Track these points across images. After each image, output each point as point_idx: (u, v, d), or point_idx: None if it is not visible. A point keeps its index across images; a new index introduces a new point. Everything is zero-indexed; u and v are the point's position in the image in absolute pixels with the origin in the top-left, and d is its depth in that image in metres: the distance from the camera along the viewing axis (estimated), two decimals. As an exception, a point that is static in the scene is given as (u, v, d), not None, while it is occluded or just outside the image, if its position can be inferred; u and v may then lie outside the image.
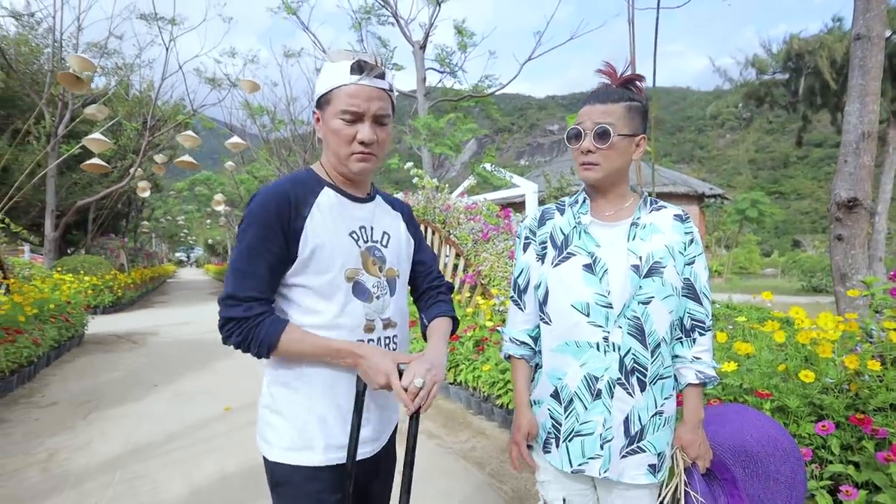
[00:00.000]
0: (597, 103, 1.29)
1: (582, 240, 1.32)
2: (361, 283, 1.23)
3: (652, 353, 1.28)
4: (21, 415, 4.38)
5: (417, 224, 1.45)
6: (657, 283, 1.26)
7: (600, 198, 1.36)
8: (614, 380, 1.27)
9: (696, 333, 1.33)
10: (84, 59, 6.60)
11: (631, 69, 1.39)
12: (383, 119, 1.19)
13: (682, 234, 1.32)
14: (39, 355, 5.85)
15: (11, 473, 3.19)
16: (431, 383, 1.13)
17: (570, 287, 1.29)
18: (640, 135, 1.31)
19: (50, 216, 13.15)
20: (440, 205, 6.11)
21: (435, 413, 4.37)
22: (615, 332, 1.26)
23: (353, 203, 1.26)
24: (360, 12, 10.69)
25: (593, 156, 1.27)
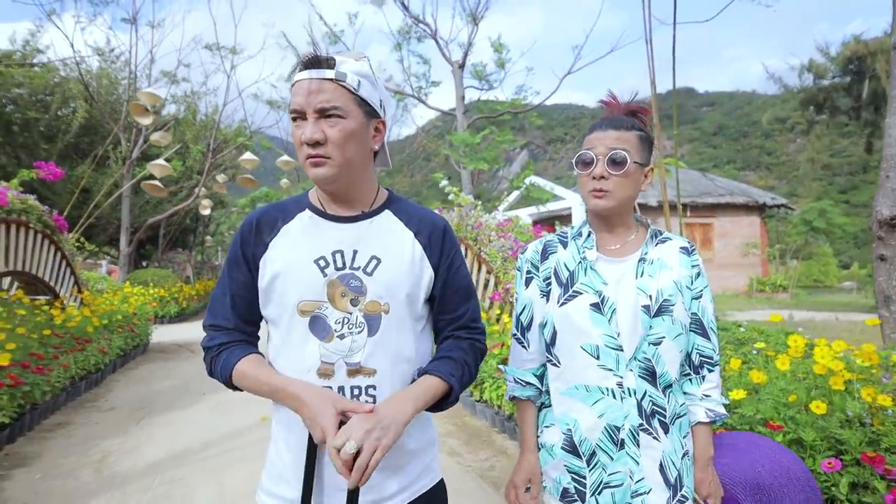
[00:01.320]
0: (609, 129, 1.25)
1: (588, 277, 1.25)
2: (321, 319, 1.04)
3: (664, 393, 1.23)
4: (84, 418, 4.83)
5: (452, 249, 1.15)
6: (667, 323, 1.21)
7: (605, 230, 1.31)
8: (636, 427, 1.20)
9: (704, 370, 1.29)
10: (152, 93, 7.27)
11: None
12: (328, 112, 1.00)
13: (688, 267, 1.28)
14: (106, 363, 6.40)
15: (68, 472, 3.54)
16: (371, 450, 0.90)
17: (579, 328, 1.22)
18: (649, 166, 1.29)
19: (125, 233, 14.32)
20: (472, 222, 6.20)
21: (459, 430, 4.43)
22: (628, 377, 1.20)
23: (333, 224, 1.09)
24: (401, 34, 11.09)
25: (606, 182, 1.22)
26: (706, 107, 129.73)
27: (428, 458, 1.16)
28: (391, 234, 1.11)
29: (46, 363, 4.72)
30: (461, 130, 10.12)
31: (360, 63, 1.05)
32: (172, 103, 17.08)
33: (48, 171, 5.91)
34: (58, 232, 6.17)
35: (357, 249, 1.07)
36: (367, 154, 1.10)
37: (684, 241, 1.32)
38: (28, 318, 5.06)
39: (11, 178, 5.78)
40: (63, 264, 6.42)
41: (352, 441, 0.88)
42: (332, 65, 1.01)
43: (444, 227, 1.16)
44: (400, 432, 0.95)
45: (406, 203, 1.18)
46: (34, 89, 14.98)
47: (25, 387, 4.16)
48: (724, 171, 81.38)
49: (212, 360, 1.11)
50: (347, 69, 1.02)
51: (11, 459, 3.76)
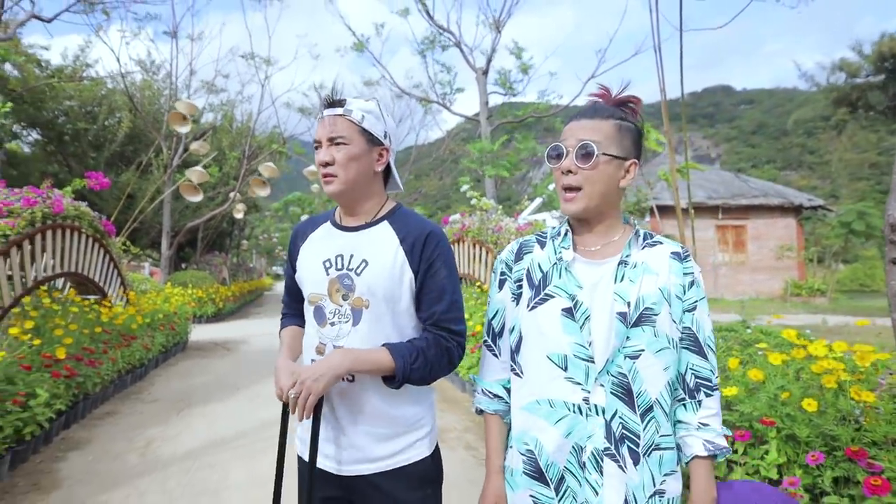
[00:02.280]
0: (583, 119, 1.14)
1: (562, 279, 1.14)
2: (321, 308, 1.30)
3: (642, 418, 1.08)
4: (130, 408, 5.22)
5: (433, 254, 1.27)
6: (648, 334, 1.08)
7: (585, 230, 1.19)
8: (601, 450, 1.07)
9: (701, 394, 1.13)
10: (189, 103, 7.72)
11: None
12: (336, 139, 1.25)
13: (680, 274, 1.13)
14: (150, 358, 6.84)
15: (117, 455, 3.88)
16: (307, 393, 1.13)
17: (547, 335, 1.12)
18: (631, 159, 1.14)
19: (166, 236, 15.05)
20: (493, 225, 6.37)
21: (477, 426, 4.60)
22: (597, 392, 1.08)
23: (342, 232, 1.33)
24: (425, 42, 11.38)
25: (574, 177, 1.12)
26: (744, 105, 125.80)
27: (418, 435, 1.31)
28: (382, 242, 1.29)
29: (97, 357, 5.13)
30: (485, 136, 10.29)
31: (368, 103, 1.31)
32: (210, 112, 17.85)
33: (97, 180, 6.38)
34: (106, 236, 6.64)
35: (353, 254, 1.29)
36: (370, 174, 1.31)
37: (676, 246, 1.18)
38: (80, 316, 5.49)
39: (64, 185, 6.28)
40: (111, 266, 6.89)
41: (293, 390, 1.14)
42: (342, 104, 1.28)
43: (428, 235, 1.28)
44: (331, 380, 1.16)
45: (406, 215, 1.35)
46: (83, 101, 15.95)
47: (79, 378, 4.55)
48: (763, 172, 78.71)
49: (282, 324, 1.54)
50: (354, 107, 1.28)
51: (67, 443, 4.14)
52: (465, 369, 5.49)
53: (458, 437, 4.31)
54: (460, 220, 7.20)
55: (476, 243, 6.65)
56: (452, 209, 19.50)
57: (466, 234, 6.89)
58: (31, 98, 14.04)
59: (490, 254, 6.26)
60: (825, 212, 18.86)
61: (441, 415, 4.95)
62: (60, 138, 15.68)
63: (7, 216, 4.58)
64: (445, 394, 5.75)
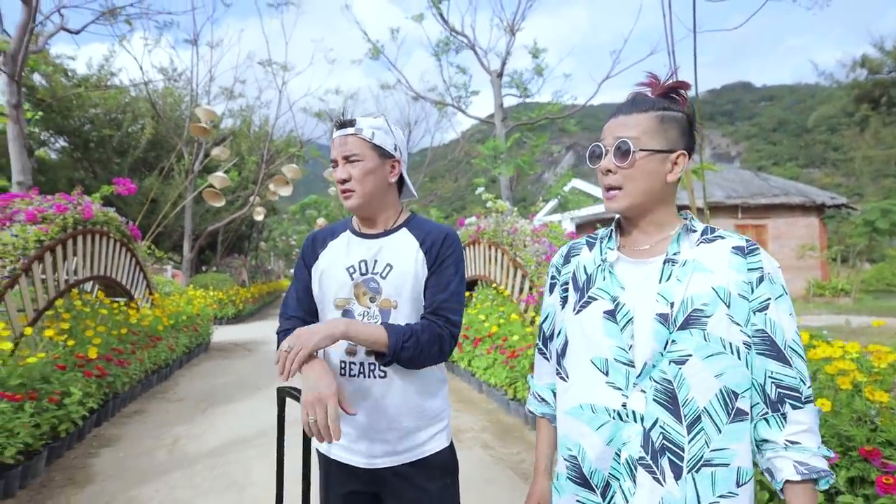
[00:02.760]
0: (620, 115, 1.09)
1: (606, 281, 1.10)
2: (350, 311, 1.36)
3: (689, 429, 0.98)
4: (156, 407, 5.39)
5: (446, 252, 1.38)
6: (696, 338, 0.99)
7: (633, 228, 1.13)
8: (635, 459, 1.01)
9: (786, 406, 0.99)
10: (209, 110, 7.91)
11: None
12: (350, 157, 1.35)
13: (743, 271, 1.02)
14: (174, 359, 7.04)
15: (146, 452, 4.03)
16: (298, 347, 1.16)
17: (590, 338, 1.08)
18: (678, 150, 1.07)
19: (187, 240, 15.38)
20: (508, 227, 6.42)
21: (493, 426, 4.66)
22: (635, 398, 1.02)
23: (362, 240, 1.41)
24: (440, 46, 11.47)
25: (613, 177, 1.07)
26: (764, 101, 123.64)
27: (439, 427, 1.41)
28: (403, 246, 1.39)
29: (125, 357, 5.32)
30: (500, 138, 10.34)
31: (377, 120, 1.39)
32: (229, 117, 18.20)
33: (125, 186, 6.60)
34: (133, 240, 6.85)
35: (377, 259, 1.38)
36: (385, 186, 1.41)
37: (740, 240, 1.06)
38: (109, 318, 5.69)
39: (89, 190, 6.51)
40: (137, 269, 7.11)
41: (286, 345, 1.17)
42: (353, 124, 1.36)
43: (446, 236, 1.40)
44: (325, 339, 1.19)
45: (422, 221, 1.46)
46: (108, 109, 16.40)
47: (109, 378, 4.73)
48: (785, 169, 77.22)
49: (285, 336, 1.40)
50: (364, 125, 1.37)
51: (99, 440, 4.31)
52: (482, 370, 5.56)
53: (474, 437, 4.37)
54: (476, 223, 7.26)
55: (491, 245, 6.70)
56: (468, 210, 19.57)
57: (482, 235, 6.95)
58: (58, 107, 14.49)
59: (506, 255, 6.31)
60: (849, 210, 18.48)
61: (457, 415, 5.02)
62: (86, 145, 16.15)
63: (41, 222, 4.78)
64: (462, 394, 5.82)
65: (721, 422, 0.99)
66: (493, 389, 5.33)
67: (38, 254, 4.50)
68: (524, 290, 5.86)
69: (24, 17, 7.36)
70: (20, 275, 4.22)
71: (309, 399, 1.15)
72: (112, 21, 10.90)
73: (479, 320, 6.31)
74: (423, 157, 22.72)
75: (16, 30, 7.53)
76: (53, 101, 13.68)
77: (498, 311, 6.30)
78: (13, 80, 7.47)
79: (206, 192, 9.25)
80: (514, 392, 4.82)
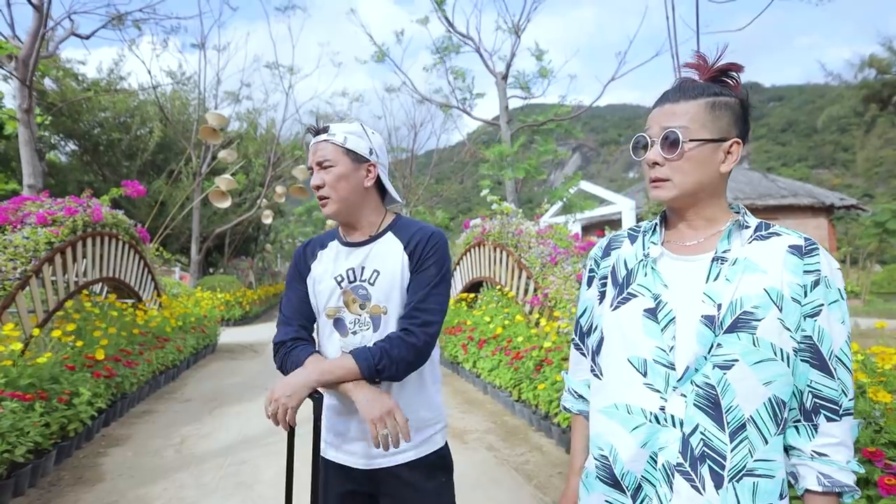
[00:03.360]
0: (667, 103, 1.02)
1: (648, 277, 1.04)
2: (341, 320, 1.38)
3: (732, 437, 0.93)
4: (165, 407, 5.44)
5: (429, 252, 1.37)
6: (745, 342, 0.93)
7: (681, 222, 1.06)
8: (673, 465, 0.96)
9: (820, 418, 0.95)
10: (218, 114, 7.99)
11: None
12: (324, 164, 1.36)
13: (798, 272, 0.95)
14: (182, 360, 7.10)
15: (155, 451, 4.08)
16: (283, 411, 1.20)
17: (627, 337, 1.02)
18: (732, 139, 1.00)
19: (195, 242, 15.51)
20: (513, 229, 6.43)
21: (498, 427, 4.67)
22: (674, 402, 0.96)
23: (349, 248, 1.41)
24: (443, 49, 11.52)
25: (661, 170, 1.01)
26: (773, 102, 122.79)
27: (426, 434, 1.41)
28: (389, 251, 1.39)
29: (134, 358, 5.38)
30: (505, 140, 10.37)
31: (351, 125, 1.41)
32: (236, 120, 18.34)
33: (133, 188, 6.67)
34: (141, 242, 6.93)
35: (364, 266, 1.38)
36: (361, 190, 1.40)
37: (798, 238, 0.99)
38: (118, 319, 5.76)
39: (99, 193, 6.60)
40: (145, 271, 7.19)
41: (270, 407, 1.22)
42: (326, 130, 1.38)
43: (431, 236, 1.39)
44: (303, 394, 1.22)
45: (408, 223, 1.45)
46: (117, 112, 16.59)
47: (118, 378, 4.79)
48: (794, 170, 76.60)
49: (288, 351, 1.36)
50: (337, 130, 1.38)
51: (107, 440, 4.36)
52: (487, 371, 5.57)
53: (479, 438, 4.38)
54: (481, 224, 7.28)
55: (497, 247, 6.72)
56: (474, 212, 19.58)
57: (487, 237, 6.97)
58: (68, 111, 14.67)
59: (510, 257, 6.32)
60: (858, 211, 18.32)
61: (462, 416, 5.03)
62: (96, 148, 16.34)
63: (51, 225, 4.85)
64: (468, 395, 5.83)
65: (769, 432, 0.94)
66: (498, 391, 5.34)
67: (48, 256, 4.56)
68: (529, 291, 5.87)
69: (35, 22, 7.47)
70: (31, 276, 4.28)
71: (377, 415, 1.19)
72: (121, 26, 11.03)
73: (485, 322, 6.32)
74: (429, 158, 22.77)
75: (27, 35, 7.65)
76: (63, 105, 13.85)
77: (503, 313, 6.31)
78: (25, 85, 7.58)
79: (212, 193, 9.33)
80: (519, 393, 4.83)
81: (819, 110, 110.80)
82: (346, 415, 1.40)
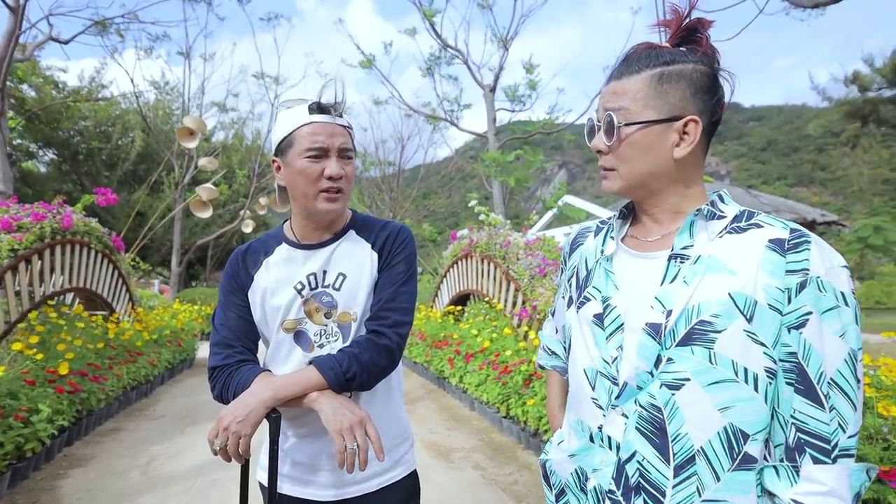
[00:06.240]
0: (611, 80, 0.88)
1: (600, 278, 0.92)
2: (304, 332, 1.20)
3: (677, 472, 0.79)
4: (134, 425, 5.16)
5: (398, 248, 1.24)
6: (699, 358, 0.78)
7: (644, 215, 0.92)
8: (605, 491, 0.85)
9: (804, 458, 0.76)
10: (197, 119, 7.81)
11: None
12: (348, 153, 1.17)
13: (780, 274, 0.76)
14: (155, 375, 6.80)
15: (119, 473, 3.81)
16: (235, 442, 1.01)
17: (582, 344, 0.92)
18: (687, 116, 0.83)
19: (176, 253, 15.15)
20: (501, 240, 6.31)
21: (485, 445, 4.48)
22: (613, 422, 0.85)
23: (307, 252, 1.22)
24: (432, 60, 11.56)
25: (606, 158, 0.89)
26: (753, 121, 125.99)
27: (399, 453, 1.26)
28: (355, 251, 1.23)
29: (102, 373, 5.09)
30: (495, 152, 10.35)
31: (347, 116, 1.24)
32: (221, 129, 18.13)
33: (104, 196, 6.43)
34: (115, 252, 6.66)
35: (326, 270, 1.21)
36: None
37: (782, 229, 0.79)
38: (86, 331, 5.48)
39: (75, 202, 6.34)
40: (119, 282, 6.90)
41: (218, 440, 1.00)
42: (341, 113, 1.18)
43: (398, 232, 1.25)
44: (259, 416, 1.03)
45: (368, 220, 1.30)
46: (98, 121, 16.28)
47: (83, 394, 4.51)
48: (774, 188, 78.43)
49: (227, 375, 1.15)
50: (349, 121, 1.20)
51: (69, 460, 4.08)
52: (474, 386, 5.39)
53: (465, 457, 4.19)
54: (468, 236, 7.15)
55: (484, 258, 6.59)
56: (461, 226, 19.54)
57: (474, 249, 6.84)
58: (47, 118, 14.34)
59: (498, 269, 6.18)
60: (839, 227, 18.60)
61: (448, 433, 4.84)
62: (75, 157, 15.98)
63: (16, 231, 4.60)
64: (454, 411, 5.64)
65: (721, 468, 0.77)
66: (486, 407, 5.16)
67: (11, 264, 4.31)
68: (517, 303, 5.73)
69: (9, 24, 7.25)
70: (-9, 285, 4.03)
71: (345, 426, 1.00)
72: (103, 32, 10.83)
73: (472, 335, 6.15)
74: (416, 173, 22.72)
75: (1, 37, 7.42)
76: (41, 112, 13.53)
77: (490, 326, 6.16)
78: (-3, 89, 7.33)
79: (193, 203, 9.10)
80: (507, 410, 4.65)
81: (797, 130, 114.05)
82: (311, 439, 1.21)
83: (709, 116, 0.85)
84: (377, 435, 1.03)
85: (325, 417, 1.04)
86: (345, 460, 0.99)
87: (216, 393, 1.17)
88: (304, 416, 1.18)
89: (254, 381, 1.10)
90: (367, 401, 1.20)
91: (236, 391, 1.10)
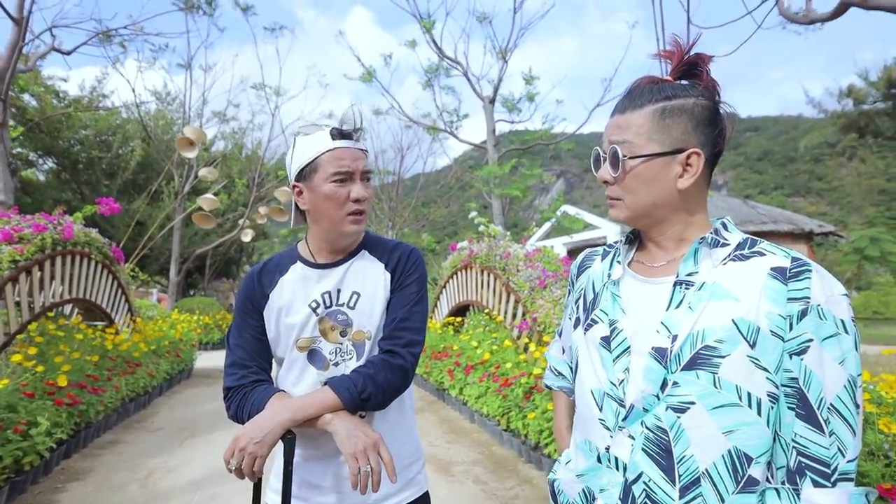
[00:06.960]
0: (615, 114, 0.92)
1: (607, 302, 0.95)
2: (318, 351, 1.21)
3: (683, 493, 0.81)
4: (133, 437, 5.13)
5: (410, 269, 1.27)
6: (703, 382, 0.80)
7: (649, 242, 0.96)
8: None
9: (805, 481, 0.78)
10: (197, 129, 7.85)
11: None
12: (369, 175, 1.22)
13: (781, 301, 0.79)
14: (154, 386, 6.77)
15: (118, 486, 3.79)
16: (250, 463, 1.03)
17: (590, 366, 0.95)
18: (689, 149, 0.86)
19: (174, 263, 15.13)
20: (501, 252, 6.33)
21: (486, 459, 4.46)
22: (620, 443, 0.87)
23: (322, 271, 1.24)
24: (431, 71, 11.65)
25: (612, 188, 0.92)
26: (749, 132, 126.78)
27: (411, 473, 1.26)
28: (368, 270, 1.26)
29: (100, 385, 5.07)
30: (492, 163, 10.41)
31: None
32: (221, 139, 18.19)
33: (107, 206, 6.44)
34: (115, 262, 6.66)
35: (341, 288, 1.23)
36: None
37: (784, 258, 0.82)
38: (84, 343, 5.46)
39: (74, 211, 6.35)
40: (119, 292, 6.89)
41: (234, 460, 1.03)
42: (359, 139, 1.22)
43: (409, 253, 1.29)
44: (275, 437, 1.06)
45: (380, 240, 1.33)
46: (98, 131, 16.32)
47: (82, 406, 4.49)
48: (770, 198, 78.77)
49: (243, 396, 1.18)
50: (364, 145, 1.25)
51: (67, 473, 4.05)
52: (474, 399, 5.38)
53: (466, 471, 4.18)
54: (468, 247, 7.17)
55: (484, 270, 6.60)
56: (460, 236, 19.56)
57: (474, 260, 6.85)
58: (47, 127, 14.38)
59: (498, 280, 6.20)
60: (836, 238, 18.68)
61: (448, 446, 4.82)
62: (75, 166, 16.00)
63: (17, 242, 4.61)
64: (454, 424, 5.62)
65: (725, 490, 0.80)
66: (486, 419, 5.15)
67: (12, 275, 4.31)
68: (517, 315, 5.73)
69: (13, 36, 7.30)
70: (-9, 297, 4.02)
71: (359, 448, 1.03)
72: (106, 43, 10.90)
73: (472, 347, 6.15)
74: (416, 182, 22.80)
75: (5, 49, 7.46)
76: (42, 121, 13.58)
77: (490, 338, 6.15)
78: (0, 99, 7.36)
79: (196, 216, 9.11)
80: (508, 422, 4.64)
81: (794, 141, 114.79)
82: (321, 459, 1.21)
83: (711, 148, 0.89)
84: (390, 458, 1.05)
85: (340, 440, 1.05)
86: (358, 482, 1.01)
87: (231, 413, 1.19)
88: (315, 437, 1.18)
89: (269, 401, 1.12)
90: (380, 419, 1.21)
91: (251, 412, 1.13)
